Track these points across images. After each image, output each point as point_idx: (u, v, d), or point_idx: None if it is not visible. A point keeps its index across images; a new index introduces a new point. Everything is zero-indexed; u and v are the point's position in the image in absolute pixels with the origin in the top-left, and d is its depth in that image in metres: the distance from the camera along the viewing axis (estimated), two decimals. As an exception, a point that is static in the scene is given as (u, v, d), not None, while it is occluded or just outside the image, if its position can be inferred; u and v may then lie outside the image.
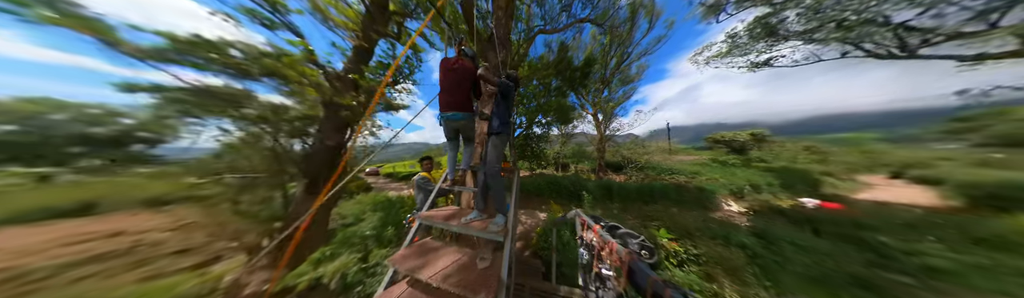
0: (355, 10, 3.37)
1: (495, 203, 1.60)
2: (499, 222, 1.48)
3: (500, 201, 1.59)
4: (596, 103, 10.92)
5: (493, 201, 1.61)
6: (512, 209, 1.66)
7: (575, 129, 11.54)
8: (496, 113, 1.67)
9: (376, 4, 3.22)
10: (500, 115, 1.65)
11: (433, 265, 1.35)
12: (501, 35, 2.89)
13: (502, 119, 1.65)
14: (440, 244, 1.63)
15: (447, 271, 1.29)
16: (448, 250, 1.53)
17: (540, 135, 8.31)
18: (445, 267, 1.32)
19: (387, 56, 3.50)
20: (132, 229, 4.85)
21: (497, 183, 1.59)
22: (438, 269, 1.30)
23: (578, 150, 13.54)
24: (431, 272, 1.27)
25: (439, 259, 1.42)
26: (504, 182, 1.66)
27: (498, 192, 1.60)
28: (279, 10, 3.02)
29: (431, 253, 1.49)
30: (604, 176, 10.41)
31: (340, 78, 3.17)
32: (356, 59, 3.28)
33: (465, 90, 1.73)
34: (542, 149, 8.80)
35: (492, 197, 1.62)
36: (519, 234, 4.64)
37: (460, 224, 1.53)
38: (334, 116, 3.11)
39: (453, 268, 1.32)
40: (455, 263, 1.37)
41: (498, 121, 1.64)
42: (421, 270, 1.30)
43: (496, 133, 1.63)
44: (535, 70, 7.31)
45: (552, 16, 5.79)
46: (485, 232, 1.43)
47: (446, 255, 1.46)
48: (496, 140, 1.63)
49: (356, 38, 3.22)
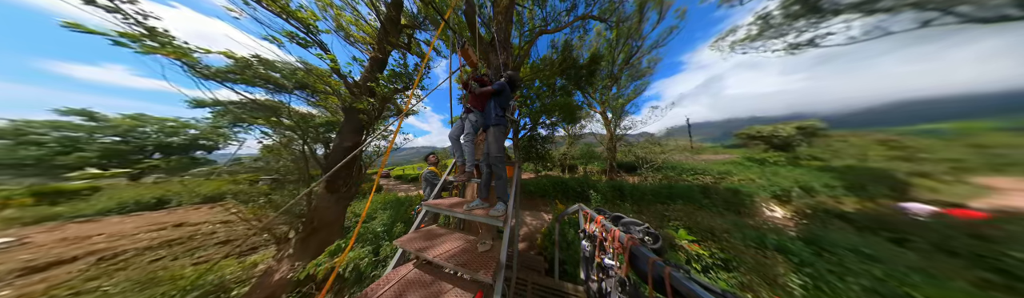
0: (372, 26, 3.79)
1: (497, 192, 1.67)
2: (500, 208, 1.56)
3: (502, 189, 1.66)
4: (604, 101, 10.48)
5: (495, 190, 1.69)
6: (512, 197, 1.73)
7: (582, 129, 11.19)
8: (493, 106, 1.79)
9: (390, 19, 3.62)
10: (497, 108, 1.78)
11: (437, 248, 1.44)
12: (502, 39, 3.05)
13: (499, 112, 1.77)
14: (444, 231, 1.73)
15: (450, 253, 1.37)
16: (452, 236, 1.62)
17: (545, 136, 8.18)
18: (448, 250, 1.41)
19: (399, 65, 3.85)
20: (192, 220, 5.80)
21: (500, 171, 1.68)
22: (442, 251, 1.39)
23: (586, 151, 12.87)
24: (435, 253, 1.36)
25: (443, 243, 1.50)
26: (506, 172, 1.74)
27: (500, 181, 1.68)
28: (312, 31, 3.51)
29: (436, 238, 1.59)
30: (616, 177, 9.91)
31: (358, 86, 3.55)
32: (372, 68, 3.66)
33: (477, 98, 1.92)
34: (547, 150, 8.63)
35: (495, 186, 1.69)
36: (523, 235, 4.58)
37: (464, 211, 1.61)
38: (352, 120, 3.46)
39: (455, 251, 1.40)
40: (457, 247, 1.45)
41: (495, 113, 1.76)
42: (426, 251, 1.39)
43: (495, 125, 1.75)
44: (537, 71, 7.21)
45: (553, 16, 5.78)
46: (487, 217, 1.50)
47: (449, 240, 1.55)
48: (496, 131, 1.74)
49: (372, 50, 3.61)
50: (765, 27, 5.60)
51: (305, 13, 3.25)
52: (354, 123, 3.49)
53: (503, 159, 1.72)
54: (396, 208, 4.66)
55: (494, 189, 1.70)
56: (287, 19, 3.18)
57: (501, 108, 1.80)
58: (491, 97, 1.81)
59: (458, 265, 1.22)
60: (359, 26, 3.76)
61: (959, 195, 6.05)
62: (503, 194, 1.66)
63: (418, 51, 4.23)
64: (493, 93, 1.80)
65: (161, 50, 2.52)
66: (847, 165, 8.73)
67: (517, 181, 2.00)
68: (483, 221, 1.54)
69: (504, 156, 1.75)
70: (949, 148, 8.42)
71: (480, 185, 1.80)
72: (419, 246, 1.46)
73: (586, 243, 1.62)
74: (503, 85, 1.83)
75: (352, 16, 3.84)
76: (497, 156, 1.69)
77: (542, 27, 5.74)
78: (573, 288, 2.03)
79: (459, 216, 1.65)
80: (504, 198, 1.64)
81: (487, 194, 1.76)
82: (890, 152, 8.99)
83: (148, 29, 2.53)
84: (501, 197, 1.65)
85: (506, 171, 1.73)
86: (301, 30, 3.39)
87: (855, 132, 11.38)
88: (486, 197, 1.75)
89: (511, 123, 1.95)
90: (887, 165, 8.07)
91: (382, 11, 3.68)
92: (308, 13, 3.29)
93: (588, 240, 1.61)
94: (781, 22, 5.31)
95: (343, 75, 3.49)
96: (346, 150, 3.46)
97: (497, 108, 1.78)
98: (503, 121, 1.77)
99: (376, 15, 3.77)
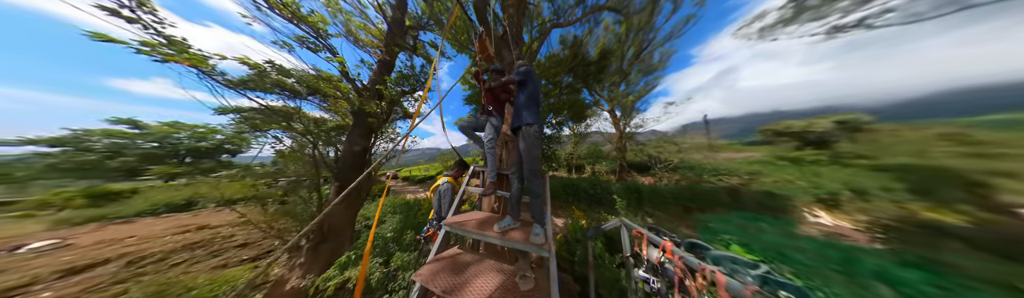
0: (379, 28, 3.75)
1: (532, 212, 1.42)
2: (539, 232, 1.28)
3: (538, 210, 1.41)
4: (613, 98, 9.94)
5: (531, 210, 1.43)
6: (549, 218, 1.44)
7: (589, 128, 10.67)
8: (524, 102, 1.47)
9: (396, 21, 3.56)
10: (530, 105, 1.45)
11: (470, 286, 1.16)
12: (514, 33, 2.87)
13: (532, 109, 1.44)
14: (471, 257, 1.45)
15: (486, 291, 1.10)
16: (482, 265, 1.34)
17: (550, 136, 7.93)
18: (482, 288, 1.14)
19: (405, 66, 3.79)
20: (213, 223, 6.00)
21: (536, 187, 1.39)
22: (476, 291, 1.11)
23: (594, 150, 12.24)
24: (466, 293, 1.09)
25: (475, 278, 1.23)
26: (542, 188, 1.47)
27: (537, 199, 1.41)
28: (322, 35, 3.51)
29: (464, 270, 1.31)
30: (627, 178, 9.39)
31: (367, 89, 3.50)
32: (380, 71, 3.61)
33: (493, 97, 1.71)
34: (553, 151, 8.39)
35: (531, 205, 1.43)
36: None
37: (496, 235, 1.34)
38: (361, 123, 3.41)
39: (491, 290, 1.13)
40: (493, 284, 1.18)
41: (526, 112, 1.44)
42: (456, 293, 1.11)
43: (528, 124, 1.41)
44: (545, 69, 6.98)
45: (565, 8, 5.46)
46: (528, 245, 1.24)
47: (481, 272, 1.28)
48: (529, 135, 1.40)
49: (380, 53, 3.56)
50: (800, 10, 4.99)
51: (315, 17, 3.25)
52: (363, 127, 3.44)
53: (539, 173, 1.41)
54: (405, 212, 4.58)
55: (528, 207, 1.44)
56: (298, 24, 3.18)
57: (534, 104, 1.45)
58: (517, 91, 1.52)
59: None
60: (367, 30, 3.73)
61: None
62: (539, 215, 1.39)
63: (423, 53, 4.17)
64: (518, 86, 1.49)
65: (177, 57, 2.58)
66: (901, 163, 7.64)
67: (547, 196, 1.65)
68: (523, 249, 1.29)
69: (540, 169, 1.44)
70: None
71: (511, 201, 1.51)
72: (446, 284, 1.17)
73: (646, 275, 1.31)
74: (526, 73, 1.50)
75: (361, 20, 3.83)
76: (532, 169, 1.38)
77: (554, 20, 5.43)
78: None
79: (494, 242, 1.37)
80: (540, 219, 1.37)
81: (518, 212, 1.48)
82: (957, 148, 7.24)
83: (166, 37, 2.60)
84: (536, 218, 1.39)
85: (542, 187, 1.44)
86: (312, 34, 3.39)
87: (909, 125, 9.21)
88: (517, 216, 1.47)
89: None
90: (954, 163, 6.59)
91: (388, 14, 3.63)
92: (317, 17, 3.28)
93: (649, 271, 1.31)
94: (820, 3, 4.70)
95: (352, 79, 3.46)
96: (356, 153, 3.41)
97: (530, 105, 1.44)
98: (536, 119, 1.42)
99: (384, 18, 3.73)
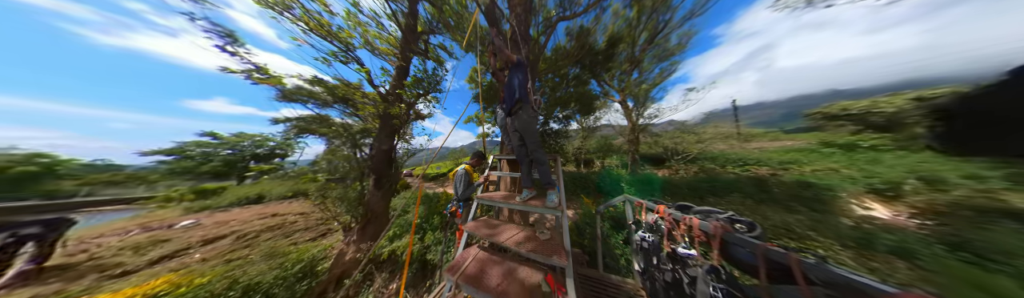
0: (394, 36, 4.16)
1: (542, 179, 1.66)
2: (553, 199, 1.59)
3: (547, 176, 1.65)
4: (624, 88, 8.96)
5: (541, 178, 1.67)
6: (561, 185, 1.70)
7: (598, 121, 10.04)
8: (517, 83, 1.65)
9: (409, 27, 3.92)
10: (522, 84, 1.64)
11: (502, 235, 1.55)
12: (522, 31, 3.02)
13: (525, 87, 1.65)
14: (498, 221, 1.84)
15: (515, 239, 1.46)
16: (507, 226, 1.71)
17: (557, 131, 7.71)
18: (512, 237, 1.51)
19: (419, 70, 4.18)
20: (282, 212, 7.57)
21: (540, 156, 1.64)
22: (507, 238, 1.49)
23: (604, 143, 11.70)
24: (502, 239, 1.47)
25: (504, 231, 1.61)
26: (546, 156, 1.70)
27: (543, 166, 1.65)
28: (350, 48, 4.02)
29: (495, 227, 1.70)
30: (640, 172, 8.81)
31: (390, 94, 3.97)
32: (398, 76, 4.04)
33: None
34: (561, 145, 8.15)
35: (539, 173, 1.67)
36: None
37: (519, 203, 1.67)
38: (387, 125, 3.91)
39: (519, 238, 1.49)
40: (519, 234, 1.54)
41: (521, 90, 1.64)
42: (494, 237, 1.51)
43: (520, 99, 1.63)
44: (552, 63, 6.76)
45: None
46: (544, 208, 1.57)
47: (508, 229, 1.65)
48: (525, 111, 1.63)
49: (397, 60, 3.97)
50: None
51: (344, 33, 3.74)
52: (388, 128, 3.95)
53: (540, 143, 1.66)
54: (427, 203, 5.36)
55: (537, 178, 1.68)
56: (331, 41, 3.69)
57: (524, 87, 1.63)
58: (510, 73, 1.74)
59: (530, 251, 1.31)
60: (382, 39, 4.14)
61: None
62: (549, 181, 1.63)
63: (433, 56, 4.50)
64: (513, 66, 1.70)
65: (268, 80, 3.30)
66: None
67: (559, 168, 1.97)
68: (541, 212, 1.61)
69: (539, 141, 1.68)
70: None
71: (522, 175, 1.80)
72: (486, 232, 1.57)
73: (644, 234, 1.54)
74: (520, 62, 1.70)
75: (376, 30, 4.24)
76: (533, 141, 1.63)
77: (560, 13, 5.26)
78: (619, 280, 2.01)
79: (516, 208, 1.72)
80: (551, 185, 1.61)
81: (531, 183, 1.78)
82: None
83: (255, 65, 3.27)
84: (547, 185, 1.63)
85: (545, 155, 1.68)
86: (342, 49, 3.91)
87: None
88: (531, 186, 1.77)
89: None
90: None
91: (401, 21, 3.99)
92: (347, 33, 3.76)
93: (647, 231, 1.55)
94: None
95: (376, 86, 3.94)
96: (384, 152, 3.94)
97: (521, 87, 1.63)
98: (527, 99, 1.64)
99: (397, 26, 4.10)
